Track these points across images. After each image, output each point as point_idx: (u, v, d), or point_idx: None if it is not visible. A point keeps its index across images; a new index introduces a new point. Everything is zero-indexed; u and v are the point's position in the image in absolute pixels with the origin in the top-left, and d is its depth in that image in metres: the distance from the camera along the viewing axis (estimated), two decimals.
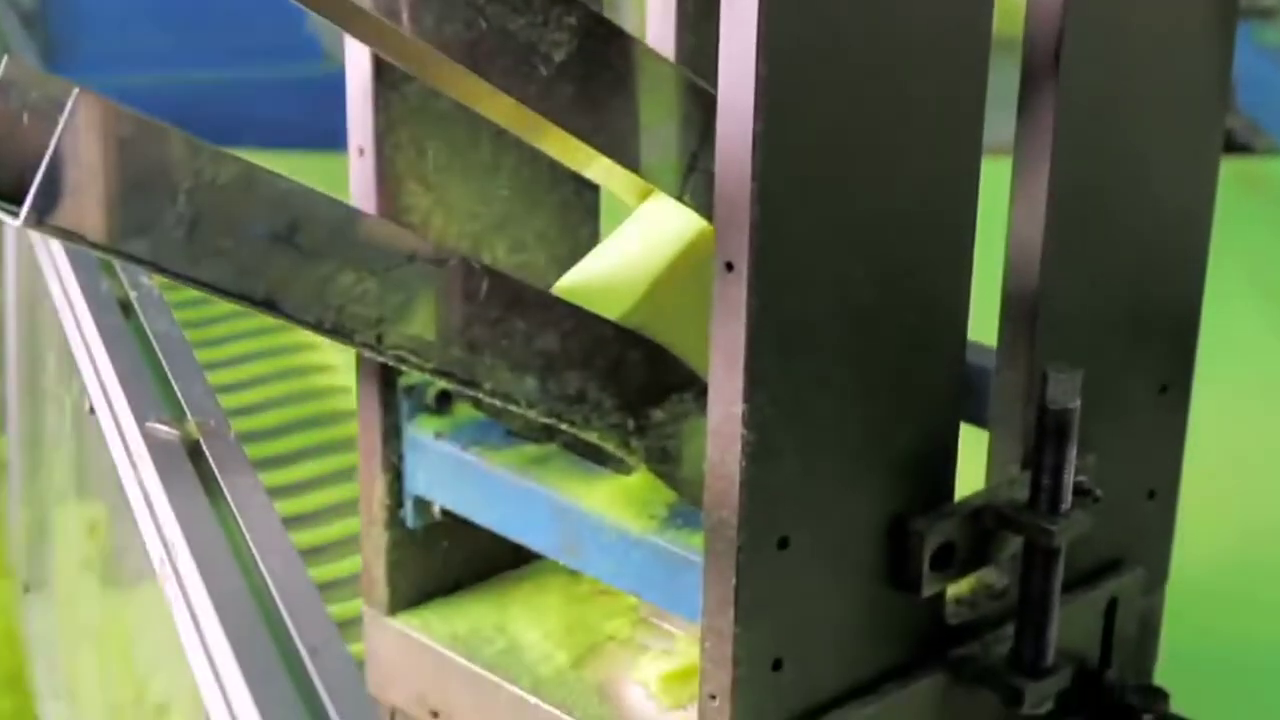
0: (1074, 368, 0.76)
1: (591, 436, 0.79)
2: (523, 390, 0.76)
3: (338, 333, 0.70)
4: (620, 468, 0.82)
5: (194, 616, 0.72)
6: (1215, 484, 1.18)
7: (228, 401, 0.91)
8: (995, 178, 0.79)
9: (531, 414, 0.77)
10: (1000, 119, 0.78)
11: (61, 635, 1.29)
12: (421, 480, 0.86)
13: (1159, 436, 0.88)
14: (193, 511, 0.77)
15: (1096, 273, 0.82)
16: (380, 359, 0.73)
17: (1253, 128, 2.18)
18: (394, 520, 0.87)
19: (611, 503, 0.79)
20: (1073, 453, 0.76)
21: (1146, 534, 0.89)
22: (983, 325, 0.82)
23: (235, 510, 0.76)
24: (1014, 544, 0.79)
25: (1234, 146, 2.15)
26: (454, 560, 0.91)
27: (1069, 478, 0.77)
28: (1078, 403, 0.76)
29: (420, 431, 0.85)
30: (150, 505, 0.80)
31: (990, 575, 0.84)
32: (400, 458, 0.86)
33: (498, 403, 0.76)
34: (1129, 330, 0.84)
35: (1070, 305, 0.81)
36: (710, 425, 0.70)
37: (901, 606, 0.78)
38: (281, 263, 0.67)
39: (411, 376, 0.85)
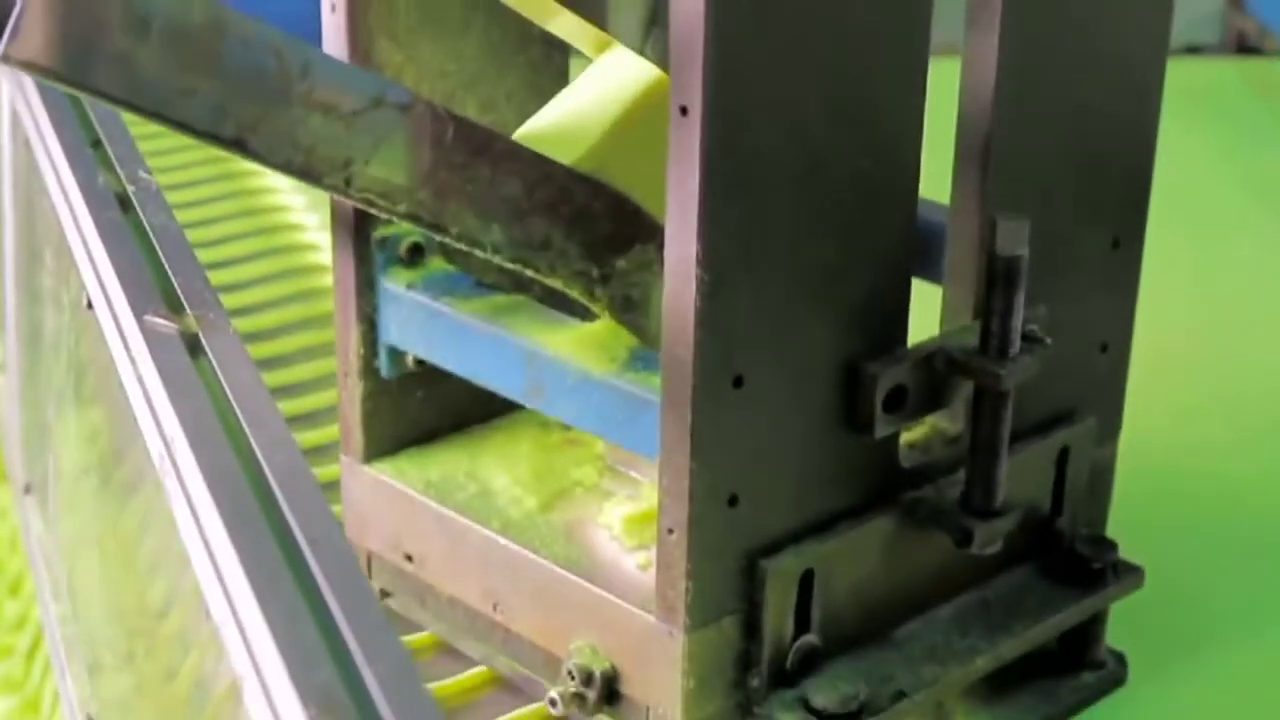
0: (1023, 217, 0.79)
1: (556, 283, 0.81)
2: (489, 236, 0.78)
3: (307, 174, 0.72)
4: (586, 317, 0.85)
5: (193, 510, 0.72)
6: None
7: (228, 301, 0.90)
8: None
9: (498, 260, 0.80)
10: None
11: (62, 537, 1.30)
12: (394, 330, 0.89)
13: (1111, 290, 0.90)
14: (192, 405, 0.77)
15: (1047, 124, 0.84)
16: (349, 201, 0.76)
17: (1262, 30, 2.18)
18: (369, 370, 0.90)
19: (575, 347, 0.82)
20: (1020, 299, 0.79)
21: (1099, 386, 0.91)
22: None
23: (235, 403, 0.76)
24: (965, 389, 0.82)
25: (1244, 48, 2.15)
26: (428, 411, 0.93)
27: (1018, 323, 0.80)
28: (1026, 250, 0.78)
29: (393, 283, 0.88)
30: (149, 399, 0.80)
31: (944, 422, 0.87)
32: (374, 309, 0.89)
33: (464, 247, 0.79)
34: (1080, 183, 0.86)
35: (1021, 155, 0.83)
36: (667, 264, 0.73)
37: (856, 448, 0.81)
38: (251, 103, 0.70)
39: (385, 229, 0.87)
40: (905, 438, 0.85)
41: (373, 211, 0.76)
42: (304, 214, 1.49)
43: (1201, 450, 1.17)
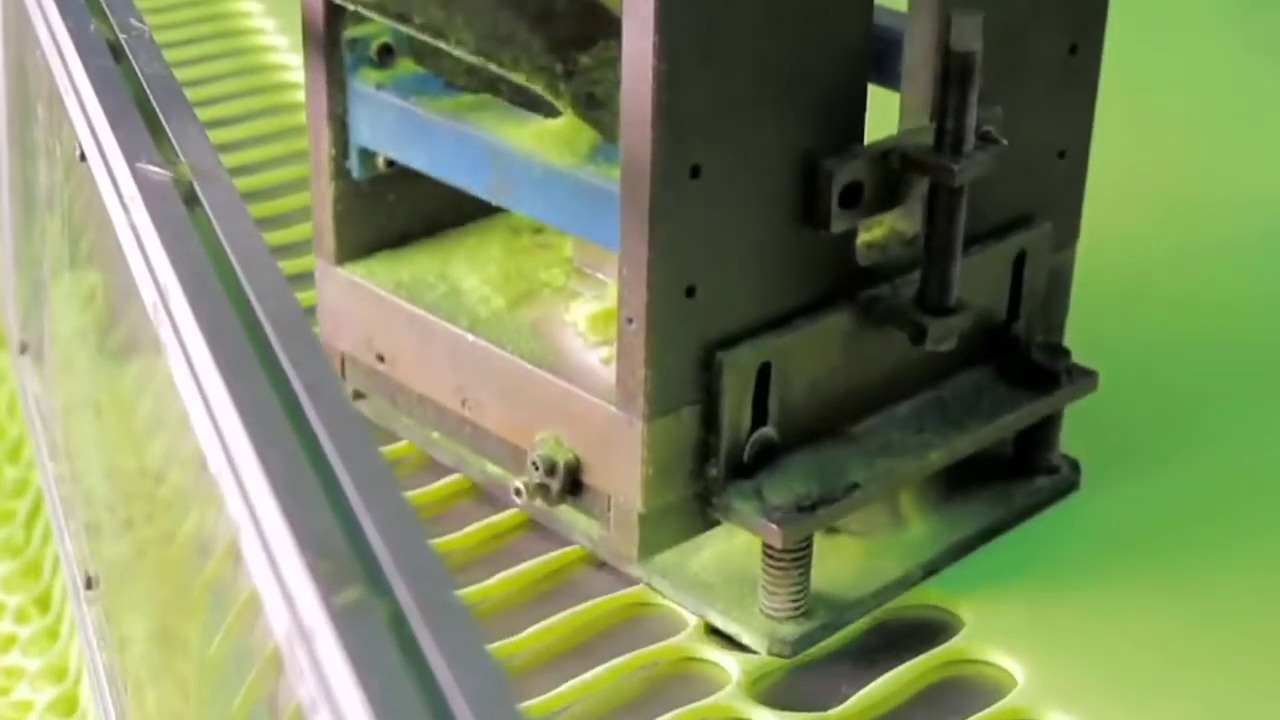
0: (978, 11, 0.80)
1: (520, 78, 0.83)
2: (452, 27, 0.79)
3: None
4: (551, 114, 0.86)
5: (189, 360, 0.70)
6: None
7: (227, 161, 0.89)
8: None
9: (462, 54, 0.81)
10: None
11: (60, 397, 1.31)
12: (365, 131, 0.90)
13: (1069, 96, 0.91)
14: (186, 253, 0.76)
15: None
16: None
17: None
18: (340, 171, 0.92)
19: (539, 142, 0.83)
20: (974, 97, 0.80)
21: (1056, 191, 0.93)
22: None
23: (230, 252, 0.75)
24: (921, 187, 0.83)
25: None
26: (399, 214, 0.95)
27: (972, 121, 0.81)
28: (980, 45, 0.79)
29: (363, 84, 0.89)
30: (143, 248, 0.79)
31: (902, 223, 0.89)
32: (344, 110, 0.90)
33: (429, 40, 0.80)
34: None
35: None
36: (624, 56, 0.74)
37: (813, 244, 0.82)
38: None
39: (355, 30, 0.88)
40: (863, 238, 0.87)
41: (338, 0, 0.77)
42: (300, 72, 1.48)
43: (1162, 262, 1.19)
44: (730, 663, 0.84)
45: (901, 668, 0.84)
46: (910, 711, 0.82)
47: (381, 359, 0.93)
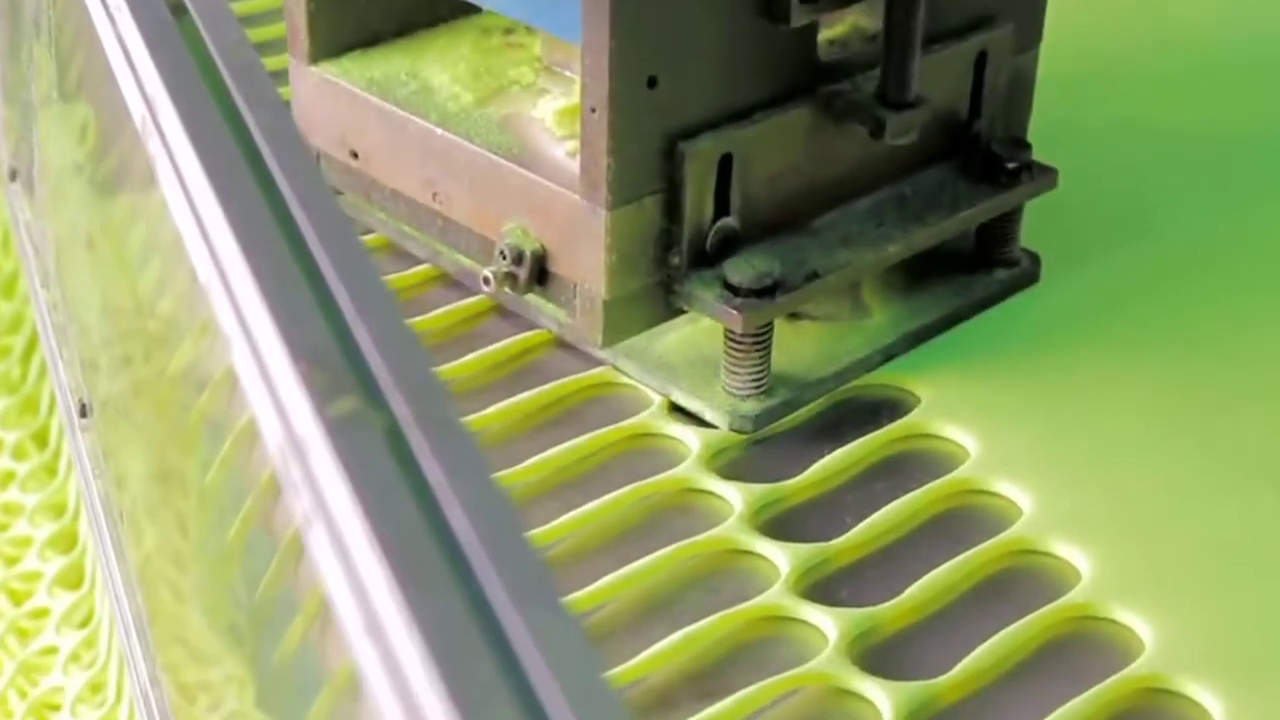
0: None
1: None
2: None
3: None
4: None
5: (178, 171, 0.69)
6: None
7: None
8: None
9: None
10: None
11: (51, 226, 1.30)
12: None
13: None
14: (174, 62, 0.74)
15: None
16: None
17: None
18: None
19: None
20: None
21: None
22: None
23: (220, 61, 0.73)
24: None
25: None
26: (372, 15, 0.97)
27: None
28: None
29: None
30: (129, 59, 0.77)
31: (864, 20, 0.90)
32: None
33: None
34: None
35: None
36: None
37: (774, 38, 0.84)
38: None
39: None
40: (824, 35, 0.89)
41: None
42: None
43: (1119, 58, 1.21)
44: (690, 436, 0.87)
45: (856, 442, 0.87)
46: (867, 482, 0.85)
47: (355, 155, 0.95)
